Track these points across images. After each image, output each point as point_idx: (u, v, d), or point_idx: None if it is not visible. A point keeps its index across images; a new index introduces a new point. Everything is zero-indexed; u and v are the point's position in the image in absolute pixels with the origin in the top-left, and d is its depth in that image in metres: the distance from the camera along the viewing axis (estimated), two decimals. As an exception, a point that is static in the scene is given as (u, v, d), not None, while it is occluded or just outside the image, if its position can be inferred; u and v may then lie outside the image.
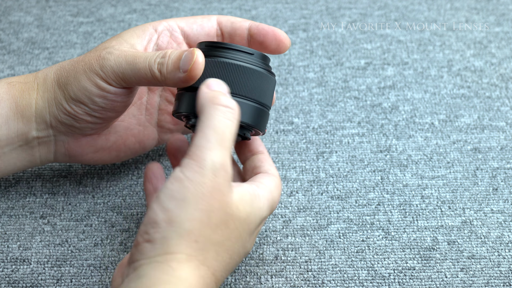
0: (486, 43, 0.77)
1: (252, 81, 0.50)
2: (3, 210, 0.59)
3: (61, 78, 0.52)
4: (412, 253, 0.56)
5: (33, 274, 0.54)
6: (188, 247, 0.43)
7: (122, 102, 0.52)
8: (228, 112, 0.46)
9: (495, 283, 0.53)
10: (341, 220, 0.58)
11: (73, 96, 0.51)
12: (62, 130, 0.53)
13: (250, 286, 0.53)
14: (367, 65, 0.74)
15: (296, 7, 0.82)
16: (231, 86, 0.49)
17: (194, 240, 0.43)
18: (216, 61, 0.49)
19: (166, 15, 0.81)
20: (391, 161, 0.63)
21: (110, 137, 0.56)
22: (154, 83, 0.50)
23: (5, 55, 0.75)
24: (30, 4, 0.82)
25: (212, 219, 0.44)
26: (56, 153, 0.55)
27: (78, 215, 0.58)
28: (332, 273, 0.54)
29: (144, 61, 0.49)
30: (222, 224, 0.44)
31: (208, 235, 0.44)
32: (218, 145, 0.44)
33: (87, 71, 0.51)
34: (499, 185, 0.61)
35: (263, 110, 0.51)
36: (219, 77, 0.49)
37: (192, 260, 0.43)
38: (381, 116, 0.68)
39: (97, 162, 0.57)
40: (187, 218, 0.43)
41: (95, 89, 0.51)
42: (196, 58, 0.48)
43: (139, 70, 0.49)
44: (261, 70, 0.50)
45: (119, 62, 0.50)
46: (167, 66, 0.49)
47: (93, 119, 0.52)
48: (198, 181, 0.43)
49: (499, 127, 0.67)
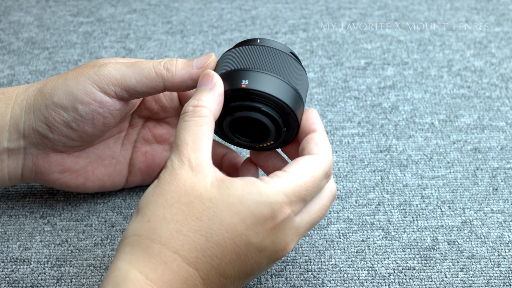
0: (486, 43, 0.77)
1: (297, 73, 0.49)
2: (3, 210, 0.59)
3: (46, 85, 0.52)
4: (412, 253, 0.56)
5: (33, 274, 0.54)
6: (139, 228, 0.44)
7: (102, 117, 0.51)
8: (184, 116, 0.47)
9: (495, 283, 0.53)
10: (341, 220, 0.58)
11: (56, 100, 0.50)
12: (33, 141, 0.52)
13: (250, 286, 0.53)
14: (367, 65, 0.74)
15: (296, 7, 0.82)
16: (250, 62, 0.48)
17: (146, 220, 0.44)
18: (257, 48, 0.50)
19: (166, 15, 0.81)
20: (391, 161, 0.63)
21: (80, 160, 0.55)
22: (155, 84, 0.50)
23: (5, 55, 0.75)
24: (30, 4, 0.82)
25: (168, 200, 0.44)
26: (24, 168, 0.54)
27: (78, 215, 0.58)
28: (332, 273, 0.54)
29: (148, 62, 0.51)
30: (181, 204, 0.44)
31: (161, 213, 0.44)
32: (174, 147, 0.46)
33: (78, 77, 0.51)
34: (499, 185, 0.61)
35: (290, 87, 0.48)
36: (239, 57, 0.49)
37: (142, 240, 0.43)
38: (381, 116, 0.68)
39: (62, 185, 0.55)
40: (145, 203, 0.45)
41: (81, 94, 0.50)
42: (214, 57, 0.51)
43: (142, 70, 0.50)
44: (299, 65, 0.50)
45: (118, 66, 0.51)
46: (177, 64, 0.51)
47: (68, 131, 0.51)
48: (160, 176, 0.45)
49: (499, 127, 0.67)
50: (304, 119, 0.49)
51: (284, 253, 0.46)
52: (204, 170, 0.44)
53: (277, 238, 0.45)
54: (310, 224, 0.47)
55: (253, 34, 0.78)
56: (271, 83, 0.47)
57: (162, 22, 0.80)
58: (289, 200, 0.45)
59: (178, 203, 0.44)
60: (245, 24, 0.80)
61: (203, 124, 0.46)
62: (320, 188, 0.47)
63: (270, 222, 0.44)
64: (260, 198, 0.44)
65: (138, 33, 0.78)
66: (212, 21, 0.80)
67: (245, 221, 0.44)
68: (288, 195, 0.45)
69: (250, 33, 0.78)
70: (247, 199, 0.44)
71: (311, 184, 0.46)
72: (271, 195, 0.44)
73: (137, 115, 0.57)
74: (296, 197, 0.45)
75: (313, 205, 0.47)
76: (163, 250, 0.43)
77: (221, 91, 0.47)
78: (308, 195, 0.46)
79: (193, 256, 0.43)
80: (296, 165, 0.46)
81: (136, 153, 0.57)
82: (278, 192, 0.44)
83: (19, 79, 0.71)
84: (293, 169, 0.46)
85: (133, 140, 0.57)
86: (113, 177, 0.57)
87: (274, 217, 0.44)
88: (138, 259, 0.43)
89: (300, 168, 0.46)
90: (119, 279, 0.42)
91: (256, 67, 0.48)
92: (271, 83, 0.47)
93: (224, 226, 0.43)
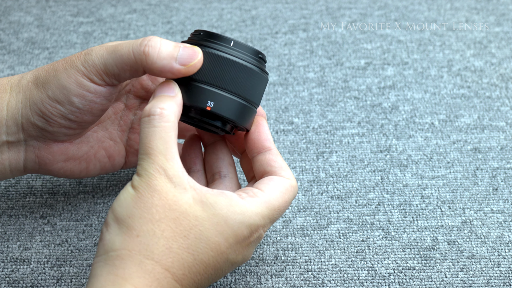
0: (486, 43, 0.77)
1: (241, 77, 0.50)
2: (3, 210, 0.59)
3: (39, 78, 0.51)
4: (412, 253, 0.56)
5: (33, 274, 0.54)
6: (129, 242, 0.44)
7: (100, 104, 0.51)
8: (151, 120, 0.46)
9: (495, 283, 0.53)
10: (341, 220, 0.58)
11: (50, 95, 0.50)
12: (33, 134, 0.52)
13: (250, 286, 0.53)
14: (367, 65, 0.74)
15: (296, 7, 0.82)
16: (218, 79, 0.49)
17: (135, 235, 0.44)
18: (208, 52, 0.49)
19: (166, 15, 0.81)
20: (391, 161, 0.63)
21: (82, 146, 0.54)
22: (136, 69, 0.49)
23: (5, 55, 0.75)
24: (30, 4, 0.82)
25: (154, 214, 0.45)
26: (26, 160, 0.53)
27: (78, 215, 0.58)
28: (332, 273, 0.54)
29: (127, 45, 0.49)
30: (168, 220, 0.45)
31: (150, 229, 0.44)
32: (144, 154, 0.46)
33: (67, 69, 0.50)
34: (499, 185, 0.61)
35: (248, 106, 0.51)
36: (208, 69, 0.49)
37: (134, 255, 0.44)
38: (381, 116, 0.68)
39: (66, 173, 0.55)
40: (127, 214, 0.45)
41: (75, 87, 0.49)
42: (201, 58, 0.49)
43: (121, 56, 0.48)
44: (253, 67, 0.50)
45: (101, 53, 0.49)
46: (159, 51, 0.48)
47: (67, 123, 0.51)
48: (135, 186, 0.45)
49: (499, 127, 0.67)
50: (257, 133, 0.52)
51: None
52: (182, 182, 0.46)
53: (247, 252, 0.48)
54: None
55: (253, 34, 0.78)
56: (232, 106, 0.50)
57: (162, 22, 0.80)
58: (264, 222, 0.48)
59: (165, 218, 0.45)
60: (245, 24, 0.80)
61: (172, 131, 0.46)
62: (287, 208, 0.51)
63: (246, 241, 0.47)
64: (243, 218, 0.46)
65: (138, 33, 0.78)
66: (212, 21, 0.80)
67: (228, 240, 0.46)
68: (265, 218, 0.48)
69: (250, 33, 0.78)
70: (231, 219, 0.46)
71: (284, 209, 0.49)
72: (252, 216, 0.47)
73: (133, 96, 0.57)
74: (269, 219, 0.48)
75: None
76: (156, 267, 0.44)
77: (181, 102, 0.48)
78: (278, 217, 0.49)
79: (181, 273, 0.45)
80: (272, 186, 0.49)
81: (133, 133, 0.57)
82: (257, 214, 0.47)
83: (19, 79, 0.71)
84: (269, 190, 0.49)
85: (129, 122, 0.57)
86: (113, 158, 0.57)
87: (250, 236, 0.47)
88: (131, 274, 0.43)
89: (276, 191, 0.49)
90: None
91: (222, 85, 0.49)
92: (232, 106, 0.50)
93: (209, 245, 0.45)
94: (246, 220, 0.46)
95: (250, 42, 0.77)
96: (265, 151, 0.51)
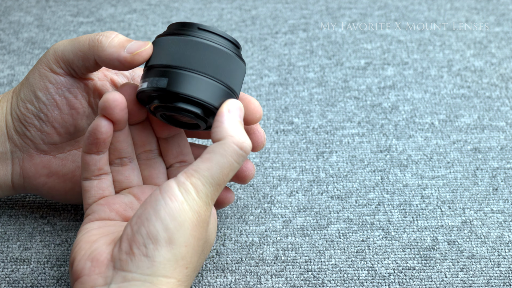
0: (486, 43, 0.77)
1: (223, 63, 0.48)
2: (3, 210, 0.59)
3: (19, 84, 0.53)
4: (412, 253, 0.56)
5: (33, 274, 0.54)
6: (180, 273, 0.44)
7: (63, 98, 0.51)
8: (241, 156, 0.46)
9: (495, 283, 0.53)
10: (341, 220, 0.58)
11: (22, 96, 0.52)
12: (17, 144, 0.52)
13: (250, 286, 0.53)
14: (367, 65, 0.74)
15: (296, 7, 0.82)
16: (200, 65, 0.47)
17: (185, 267, 0.45)
18: (188, 40, 0.48)
19: (166, 15, 0.81)
20: (391, 161, 0.63)
21: (66, 163, 0.54)
22: (88, 56, 0.49)
23: (5, 55, 0.75)
24: (30, 4, 0.82)
25: (199, 247, 0.46)
26: (13, 173, 0.53)
27: (78, 215, 0.58)
28: (332, 273, 0.54)
29: (86, 36, 0.50)
30: (202, 251, 0.47)
31: (195, 261, 0.46)
32: (217, 184, 0.45)
33: (36, 66, 0.51)
34: (499, 185, 0.61)
35: (232, 96, 0.49)
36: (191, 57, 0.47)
37: (180, 286, 0.45)
38: (381, 116, 0.68)
39: (51, 190, 0.54)
40: (184, 242, 0.44)
41: (38, 80, 0.51)
42: (149, 47, 0.48)
43: (78, 43, 0.50)
44: (232, 54, 0.49)
45: (61, 43, 0.51)
46: (111, 40, 0.49)
47: (40, 124, 0.51)
48: (195, 209, 0.45)
49: (499, 127, 0.67)
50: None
51: None
52: None
53: None
54: None
55: (253, 34, 0.78)
56: (190, 80, 0.47)
57: (162, 22, 0.80)
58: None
59: (202, 251, 0.48)
60: (245, 24, 0.80)
61: None
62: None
63: None
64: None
65: (138, 33, 0.78)
66: (212, 21, 0.80)
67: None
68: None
69: (250, 33, 0.78)
70: None
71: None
72: None
73: None
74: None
75: None
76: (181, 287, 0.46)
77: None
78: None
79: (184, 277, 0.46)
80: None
81: None
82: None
83: (19, 79, 0.71)
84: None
85: None
86: None
87: None
88: None
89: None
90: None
91: (179, 64, 0.47)
92: (190, 81, 0.47)
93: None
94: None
95: (250, 42, 0.77)
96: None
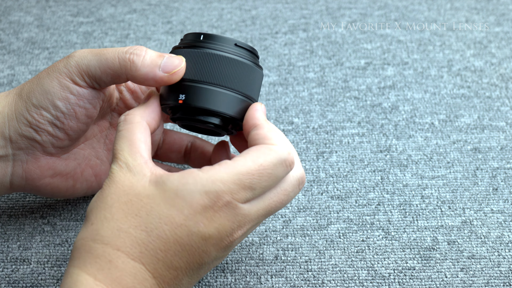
0: (486, 43, 0.77)
1: (239, 73, 0.49)
2: (3, 210, 0.59)
3: (23, 89, 0.51)
4: (412, 253, 0.56)
5: (33, 274, 0.54)
6: (84, 232, 0.45)
7: (84, 109, 0.51)
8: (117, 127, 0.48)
9: (495, 283, 0.53)
10: (341, 220, 0.58)
11: (35, 102, 0.50)
12: (22, 147, 0.52)
13: (250, 286, 0.53)
14: (367, 65, 0.74)
15: (296, 7, 0.82)
16: (216, 77, 0.49)
17: (90, 224, 0.45)
18: (203, 53, 0.49)
19: (166, 15, 0.81)
20: (391, 161, 0.63)
21: (69, 162, 0.54)
22: (119, 74, 0.49)
23: (5, 55, 0.75)
24: (30, 4, 0.82)
25: (108, 202, 0.45)
26: (13, 175, 0.53)
27: (78, 215, 0.58)
28: (332, 273, 0.54)
29: (113, 51, 0.49)
30: (120, 203, 0.45)
31: (102, 215, 0.45)
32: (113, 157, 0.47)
33: (50, 73, 0.50)
34: (499, 185, 0.61)
35: (250, 103, 0.50)
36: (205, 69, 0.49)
37: (85, 243, 0.44)
38: (381, 116, 0.68)
39: (53, 190, 0.55)
40: (88, 210, 0.46)
41: (58, 90, 0.50)
42: (184, 66, 0.49)
43: (106, 60, 0.49)
44: (248, 63, 0.50)
45: (84, 55, 0.50)
46: (144, 59, 0.49)
47: (54, 130, 0.51)
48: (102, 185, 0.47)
49: (499, 127, 0.67)
50: (246, 116, 0.50)
51: (231, 239, 0.46)
52: (142, 170, 0.46)
53: (220, 225, 0.45)
54: (265, 211, 0.47)
55: (253, 34, 0.78)
56: (207, 94, 0.48)
57: (162, 22, 0.80)
58: (228, 188, 0.45)
59: (118, 202, 0.45)
60: (245, 24, 0.80)
61: (136, 129, 0.47)
62: (273, 176, 0.46)
63: (210, 210, 0.44)
64: (195, 187, 0.44)
65: (138, 33, 0.78)
66: (212, 21, 0.80)
67: (183, 211, 0.44)
68: (227, 183, 0.45)
69: (250, 33, 0.78)
70: (181, 190, 0.44)
71: (258, 173, 0.45)
72: (207, 184, 0.44)
73: (118, 114, 0.57)
74: (237, 185, 0.45)
75: (269, 193, 0.47)
76: (106, 249, 0.44)
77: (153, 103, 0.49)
78: (255, 183, 0.45)
79: (137, 251, 0.44)
80: (244, 153, 0.46)
81: None
82: (214, 181, 0.44)
83: (19, 79, 0.71)
84: (239, 157, 0.46)
85: None
86: (99, 177, 0.56)
87: (213, 204, 0.44)
88: (85, 261, 0.44)
89: (247, 156, 0.46)
90: (71, 285, 0.43)
91: (195, 78, 0.49)
92: (206, 94, 0.48)
93: (162, 219, 0.44)
94: (198, 188, 0.44)
95: (250, 42, 0.77)
96: (252, 129, 0.49)
